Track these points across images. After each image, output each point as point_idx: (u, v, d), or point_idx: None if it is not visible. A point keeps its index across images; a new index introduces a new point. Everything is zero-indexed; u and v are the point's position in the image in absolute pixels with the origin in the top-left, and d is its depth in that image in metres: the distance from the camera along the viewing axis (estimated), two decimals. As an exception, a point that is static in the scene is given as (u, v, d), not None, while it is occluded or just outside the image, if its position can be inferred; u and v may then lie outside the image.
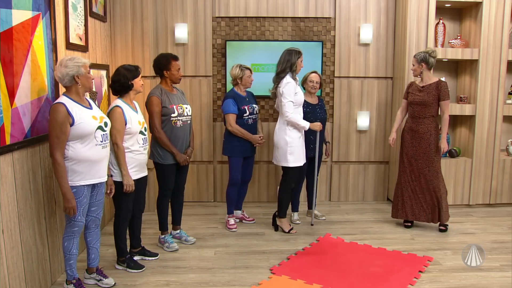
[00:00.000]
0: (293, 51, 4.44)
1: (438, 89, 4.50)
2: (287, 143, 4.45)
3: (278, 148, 4.51)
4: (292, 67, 4.41)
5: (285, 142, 4.45)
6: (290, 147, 4.45)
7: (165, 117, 4.04)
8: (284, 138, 4.45)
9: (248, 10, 5.46)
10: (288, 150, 4.45)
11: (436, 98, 4.52)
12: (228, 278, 3.65)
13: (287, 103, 4.34)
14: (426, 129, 4.57)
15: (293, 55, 4.42)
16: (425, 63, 4.52)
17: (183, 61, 5.37)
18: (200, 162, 5.67)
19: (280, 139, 4.48)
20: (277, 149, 4.53)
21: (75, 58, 3.09)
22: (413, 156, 4.66)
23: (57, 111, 3.00)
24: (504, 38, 5.24)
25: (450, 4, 5.37)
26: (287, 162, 4.49)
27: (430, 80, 4.57)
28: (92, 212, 3.37)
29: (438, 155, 4.61)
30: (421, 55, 4.53)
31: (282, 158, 4.51)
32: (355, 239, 4.49)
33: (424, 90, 4.56)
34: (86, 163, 3.13)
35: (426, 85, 4.57)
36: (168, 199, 4.29)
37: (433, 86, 4.53)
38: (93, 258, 3.49)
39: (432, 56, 4.53)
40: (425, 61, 4.52)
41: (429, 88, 4.54)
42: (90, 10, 4.37)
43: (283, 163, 4.51)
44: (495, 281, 3.61)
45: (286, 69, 4.41)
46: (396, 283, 3.57)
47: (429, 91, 4.54)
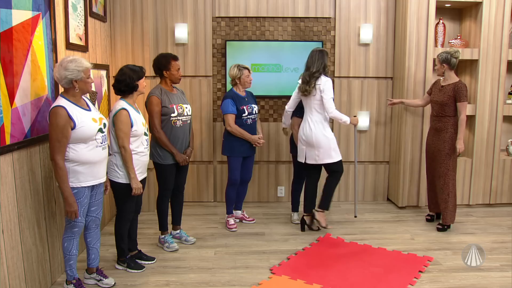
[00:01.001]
0: (325, 52, 4.49)
1: (455, 90, 4.56)
2: (329, 140, 4.48)
3: (320, 147, 4.47)
4: (325, 69, 4.48)
5: (327, 139, 4.47)
6: (332, 143, 4.49)
7: (165, 117, 4.04)
8: (325, 135, 4.47)
9: (248, 10, 5.46)
10: (332, 146, 4.48)
11: (452, 99, 4.58)
12: (228, 278, 3.65)
13: (329, 100, 4.38)
14: (443, 127, 4.66)
15: (325, 57, 4.48)
16: (447, 64, 4.60)
17: (183, 61, 5.37)
18: (200, 162, 5.67)
19: (320, 137, 4.46)
20: (318, 148, 4.48)
21: (77, 60, 3.06)
22: (431, 152, 4.81)
23: (58, 115, 2.98)
24: (504, 38, 5.24)
25: (450, 4, 5.37)
26: (331, 158, 4.50)
27: (451, 80, 4.63)
28: (92, 212, 3.37)
29: (452, 154, 4.66)
30: (443, 56, 4.60)
31: (325, 156, 4.49)
32: (355, 239, 4.48)
33: (443, 90, 4.64)
34: (87, 164, 3.14)
35: (445, 85, 4.65)
36: (168, 199, 4.29)
37: (451, 87, 4.59)
38: (93, 258, 3.50)
39: (454, 56, 4.59)
40: (447, 62, 4.59)
41: (447, 88, 4.61)
42: (90, 10, 4.37)
43: (327, 160, 4.50)
44: (495, 281, 3.61)
45: (320, 69, 4.44)
46: (396, 283, 3.57)
47: (446, 91, 4.61)
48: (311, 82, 4.42)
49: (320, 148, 4.47)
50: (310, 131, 4.49)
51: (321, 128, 4.47)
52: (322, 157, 4.49)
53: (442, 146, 4.66)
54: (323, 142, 4.46)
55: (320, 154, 4.49)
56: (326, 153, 4.48)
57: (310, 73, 4.45)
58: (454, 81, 4.61)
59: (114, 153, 3.54)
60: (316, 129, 4.46)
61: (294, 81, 5.43)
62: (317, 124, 4.48)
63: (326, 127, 4.49)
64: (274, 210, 5.47)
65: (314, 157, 4.53)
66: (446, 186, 4.68)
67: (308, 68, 4.49)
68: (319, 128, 4.46)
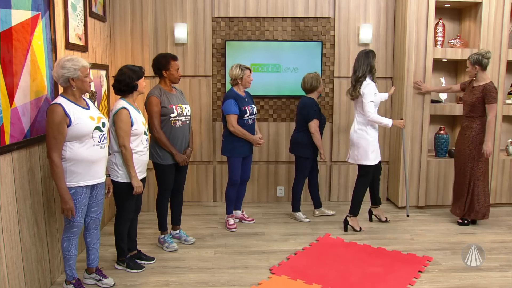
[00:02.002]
0: (370, 53, 4.53)
1: (483, 92, 4.61)
2: (369, 142, 4.54)
3: (359, 148, 4.57)
4: (372, 70, 4.51)
5: (367, 141, 4.54)
6: (372, 145, 4.54)
7: (164, 117, 4.04)
8: (365, 137, 4.54)
9: (248, 10, 5.46)
10: (370, 149, 4.53)
11: (481, 100, 4.64)
12: (228, 278, 3.65)
13: (368, 103, 4.43)
14: (469, 126, 4.76)
15: (372, 58, 4.52)
16: (478, 65, 4.64)
17: (182, 61, 5.37)
18: (200, 162, 5.67)
19: (361, 138, 4.56)
20: (357, 149, 4.58)
21: (74, 59, 3.07)
22: (459, 152, 4.88)
23: (54, 112, 2.99)
24: (503, 38, 5.24)
25: (449, 4, 5.37)
26: (368, 160, 4.56)
27: (482, 81, 4.68)
28: (92, 212, 3.37)
29: (476, 154, 4.72)
30: (474, 58, 4.64)
31: (363, 157, 4.57)
32: (354, 239, 4.49)
33: (473, 91, 4.71)
34: (84, 163, 3.13)
35: (476, 86, 4.70)
36: (168, 199, 4.29)
37: (480, 88, 4.65)
38: (92, 258, 3.50)
39: (486, 57, 4.64)
40: (479, 63, 4.64)
41: (477, 89, 4.67)
42: (90, 10, 4.36)
43: (364, 162, 4.57)
44: (494, 281, 3.61)
45: (365, 72, 4.49)
46: (395, 283, 3.57)
47: (476, 92, 4.67)
48: (356, 86, 4.51)
49: (360, 149, 4.57)
50: (354, 131, 4.63)
51: (364, 130, 4.55)
52: (360, 158, 4.59)
53: (466, 145, 4.76)
54: (361, 144, 4.55)
55: (359, 155, 4.59)
56: (364, 154, 4.56)
57: (356, 78, 4.53)
58: (484, 82, 4.64)
59: (114, 153, 3.54)
60: (360, 131, 4.57)
61: (293, 81, 5.47)
62: (361, 125, 4.57)
63: (369, 129, 4.55)
64: (273, 210, 5.47)
65: (354, 156, 4.65)
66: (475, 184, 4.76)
67: (354, 72, 4.56)
68: (362, 130, 4.56)
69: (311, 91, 4.91)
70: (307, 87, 4.90)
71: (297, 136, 4.97)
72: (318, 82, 4.87)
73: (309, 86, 4.88)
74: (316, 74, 4.91)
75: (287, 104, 5.63)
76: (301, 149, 4.95)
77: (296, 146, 4.98)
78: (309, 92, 4.92)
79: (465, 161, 4.79)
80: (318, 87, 4.89)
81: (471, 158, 4.74)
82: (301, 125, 4.93)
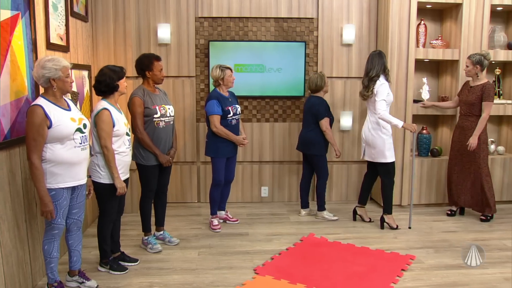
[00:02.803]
0: (383, 54, 4.61)
1: (483, 90, 4.77)
2: (384, 140, 4.60)
3: (375, 147, 4.64)
4: (385, 70, 4.57)
5: (382, 140, 4.60)
6: (388, 143, 4.60)
7: (148, 117, 4.01)
8: (381, 136, 4.61)
9: (231, 11, 5.45)
10: (386, 147, 4.60)
11: (480, 99, 4.83)
12: (212, 279, 3.64)
13: (379, 102, 4.48)
14: (471, 126, 4.91)
15: (384, 58, 4.60)
16: (480, 65, 4.79)
17: (166, 61, 5.34)
18: (183, 163, 5.65)
19: (376, 137, 4.62)
20: (373, 148, 4.67)
21: (54, 59, 3.03)
22: (459, 151, 5.03)
23: (34, 114, 2.95)
24: (483, 39, 5.32)
25: (431, 5, 5.43)
26: (385, 158, 4.63)
27: (481, 81, 4.84)
28: (74, 214, 3.32)
29: (481, 152, 4.92)
30: (476, 58, 4.78)
31: (379, 155, 4.65)
32: (338, 239, 4.51)
33: (472, 90, 4.86)
34: (65, 165, 3.09)
35: (475, 86, 4.86)
36: (151, 200, 4.27)
37: (480, 87, 4.81)
38: (75, 260, 3.45)
39: (487, 58, 4.82)
40: (480, 63, 4.79)
41: (476, 88, 4.83)
42: (71, 10, 4.32)
43: (381, 159, 4.65)
44: (475, 278, 3.66)
45: (379, 72, 4.54)
46: (379, 281, 3.59)
47: (475, 91, 4.82)
48: (370, 86, 4.57)
49: (376, 147, 4.63)
50: (368, 131, 4.70)
51: (377, 129, 4.61)
52: (377, 156, 4.67)
53: None
54: (377, 143, 4.61)
55: (375, 153, 4.67)
56: (380, 153, 4.63)
57: (369, 78, 4.58)
58: (483, 82, 4.81)
59: (95, 154, 3.51)
60: (374, 130, 4.64)
61: (277, 81, 5.48)
62: (374, 124, 4.63)
63: (382, 128, 4.60)
64: (258, 210, 5.47)
65: (371, 155, 4.74)
66: (479, 181, 4.93)
67: (367, 73, 4.61)
68: (376, 129, 4.62)
69: (317, 91, 4.95)
70: (313, 87, 4.95)
71: (309, 135, 4.99)
72: (323, 81, 4.92)
73: (315, 86, 4.92)
74: (321, 74, 4.95)
75: (270, 104, 5.64)
76: (316, 148, 4.97)
77: (309, 145, 5.01)
78: (315, 92, 4.97)
79: (469, 160, 4.94)
80: (323, 86, 4.94)
81: (477, 157, 4.90)
82: (310, 124, 4.96)
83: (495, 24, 5.62)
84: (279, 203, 5.76)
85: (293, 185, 5.78)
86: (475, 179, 4.96)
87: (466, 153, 4.96)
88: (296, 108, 5.66)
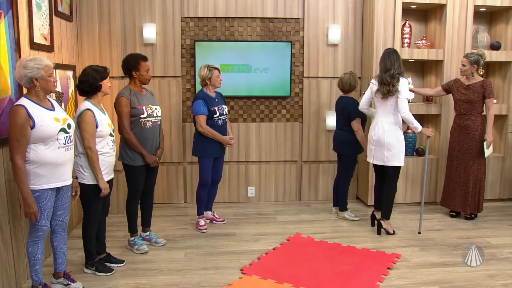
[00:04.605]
0: (398, 52, 4.46)
1: (484, 88, 4.84)
2: (400, 142, 4.45)
3: (391, 149, 4.43)
4: (402, 70, 4.43)
5: (399, 142, 4.44)
6: (403, 146, 4.47)
7: (134, 118, 3.99)
8: (398, 138, 4.44)
9: (217, 11, 5.44)
10: (402, 150, 4.46)
11: (481, 96, 4.87)
12: (199, 279, 3.64)
13: (404, 100, 4.35)
14: (472, 124, 4.94)
15: (400, 57, 4.45)
16: (476, 64, 4.84)
17: (151, 61, 5.31)
18: (170, 163, 5.63)
19: (393, 139, 4.42)
20: (389, 150, 4.43)
21: (36, 59, 2.98)
22: (460, 150, 5.04)
23: (17, 114, 2.91)
24: (467, 40, 5.38)
25: (416, 5, 5.47)
26: (400, 161, 4.47)
27: (476, 79, 4.89)
28: (58, 216, 3.28)
29: (482, 151, 4.95)
30: (474, 57, 4.82)
31: (395, 158, 4.45)
32: (325, 238, 4.53)
33: (470, 88, 4.89)
34: (49, 166, 3.05)
35: (472, 84, 4.90)
36: (138, 201, 4.24)
37: (479, 84, 4.87)
38: (60, 262, 3.41)
39: (483, 58, 4.90)
40: (477, 63, 4.84)
41: (475, 86, 4.87)
42: (55, 9, 4.28)
43: (396, 163, 4.47)
44: (460, 276, 3.70)
45: (400, 70, 4.39)
46: (365, 280, 3.62)
47: (475, 89, 4.86)
48: (394, 83, 4.35)
49: (392, 149, 4.44)
50: (383, 132, 4.45)
51: (395, 130, 4.44)
52: (391, 159, 4.45)
53: (473, 143, 4.95)
54: (394, 145, 4.43)
55: (391, 156, 4.45)
56: (396, 155, 4.45)
57: (391, 75, 4.37)
58: (480, 80, 4.90)
59: (79, 154, 3.48)
60: (391, 132, 4.43)
61: (263, 81, 5.49)
62: (391, 125, 4.45)
63: (399, 130, 4.47)
64: (244, 210, 5.47)
65: (383, 158, 4.49)
66: (480, 181, 5.01)
67: (388, 70, 4.39)
68: (393, 130, 4.44)
69: (349, 91, 4.95)
70: (346, 88, 4.94)
71: (343, 135, 4.98)
72: (355, 81, 4.92)
73: (348, 86, 4.92)
74: (353, 73, 4.93)
75: (257, 104, 5.64)
76: (350, 148, 4.96)
77: (341, 145, 5.01)
78: (347, 92, 4.97)
79: (471, 159, 4.98)
80: (356, 86, 4.95)
81: (479, 155, 4.96)
82: (343, 124, 4.96)
83: (478, 24, 5.70)
84: (266, 203, 5.76)
85: (280, 185, 5.79)
86: (477, 179, 5.00)
87: (468, 153, 4.97)
88: (282, 108, 5.67)
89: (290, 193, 5.83)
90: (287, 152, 5.75)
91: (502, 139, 5.74)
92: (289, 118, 5.71)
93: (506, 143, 5.68)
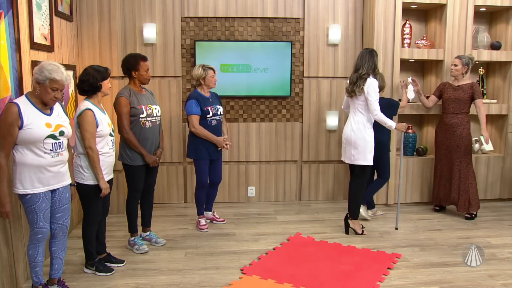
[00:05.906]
0: (374, 52, 4.47)
1: (473, 89, 5.03)
2: (367, 142, 4.44)
3: (357, 148, 4.44)
4: (375, 69, 4.44)
5: (366, 141, 4.43)
6: (370, 145, 4.46)
7: (134, 117, 3.99)
8: (365, 137, 4.43)
9: (217, 10, 5.44)
10: (368, 149, 4.45)
11: (470, 97, 5.05)
12: (199, 279, 3.63)
13: (374, 102, 4.35)
14: (459, 123, 5.07)
15: (375, 57, 4.46)
16: (467, 67, 5.01)
17: (151, 61, 5.31)
18: (170, 163, 5.63)
19: (359, 138, 4.43)
20: (355, 148, 4.45)
21: (54, 69, 2.92)
22: (448, 148, 5.15)
23: (8, 111, 2.89)
24: (467, 39, 5.38)
25: (416, 5, 5.47)
26: (366, 161, 4.46)
27: (466, 80, 5.09)
28: (58, 218, 3.23)
29: (469, 148, 5.10)
30: (466, 59, 5.01)
31: (361, 157, 4.46)
32: (325, 238, 4.52)
33: (459, 89, 5.04)
34: (33, 170, 2.99)
35: (461, 85, 5.08)
36: (138, 201, 4.24)
37: (468, 86, 5.05)
38: (56, 268, 3.34)
39: (473, 62, 5.10)
40: (468, 65, 5.01)
41: (464, 87, 5.06)
42: (56, 9, 4.28)
43: (362, 162, 4.47)
44: (460, 276, 3.70)
45: (369, 70, 4.40)
46: (365, 280, 3.62)
47: (464, 90, 5.05)
48: (359, 83, 4.38)
49: (358, 148, 4.45)
50: (351, 131, 4.48)
51: (362, 129, 4.44)
52: (358, 157, 4.47)
53: (461, 141, 5.05)
54: (360, 144, 4.44)
55: (356, 155, 4.47)
56: (362, 154, 4.45)
57: (358, 75, 4.40)
58: (469, 81, 5.08)
59: (78, 155, 3.47)
60: (359, 131, 4.44)
61: (263, 81, 5.48)
62: (359, 124, 4.45)
63: (367, 129, 4.45)
64: (244, 210, 5.47)
65: (350, 156, 4.52)
66: (466, 178, 5.06)
67: (357, 70, 4.44)
68: (361, 130, 4.44)
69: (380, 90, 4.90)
70: None
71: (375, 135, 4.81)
72: (383, 81, 4.91)
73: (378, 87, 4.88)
74: (380, 74, 4.85)
75: (257, 104, 5.64)
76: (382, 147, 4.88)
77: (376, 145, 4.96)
78: None
79: (458, 157, 5.07)
80: (384, 86, 4.95)
81: (466, 153, 5.05)
82: None
83: (478, 24, 5.70)
84: (266, 203, 5.76)
85: (280, 185, 5.79)
86: (464, 176, 5.05)
87: (456, 150, 5.05)
88: (283, 108, 5.67)
89: (290, 193, 5.83)
90: (287, 152, 5.75)
91: (502, 139, 5.74)
92: (289, 118, 5.71)
93: (506, 143, 5.68)
